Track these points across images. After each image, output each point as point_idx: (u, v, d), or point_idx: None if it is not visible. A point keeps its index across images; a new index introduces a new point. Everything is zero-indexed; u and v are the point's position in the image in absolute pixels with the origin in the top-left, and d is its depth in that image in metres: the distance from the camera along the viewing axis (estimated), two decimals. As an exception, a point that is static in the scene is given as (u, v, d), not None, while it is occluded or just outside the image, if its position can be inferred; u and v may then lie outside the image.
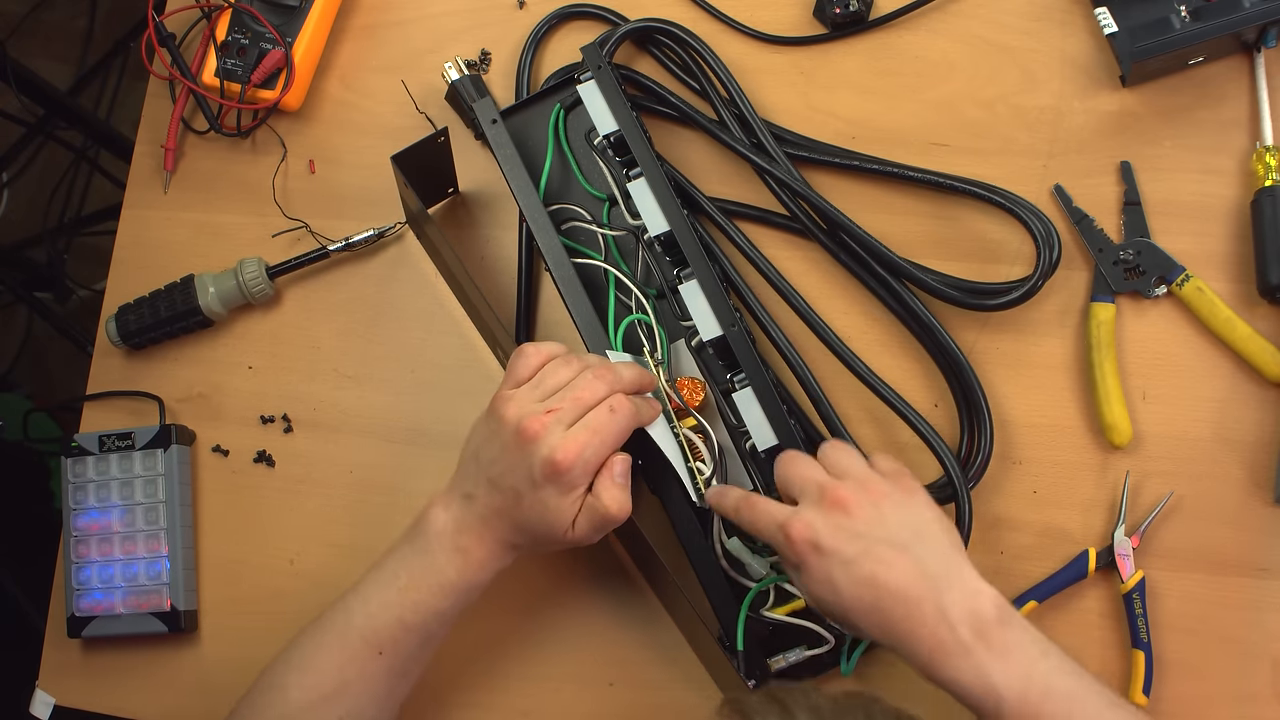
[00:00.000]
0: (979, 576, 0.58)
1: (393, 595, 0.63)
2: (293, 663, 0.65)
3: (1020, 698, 0.54)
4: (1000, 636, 0.55)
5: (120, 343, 0.80)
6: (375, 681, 0.64)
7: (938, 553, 0.58)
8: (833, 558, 0.57)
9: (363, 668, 0.63)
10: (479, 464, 0.63)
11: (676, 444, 0.67)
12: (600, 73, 0.74)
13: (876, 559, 0.57)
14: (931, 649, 0.55)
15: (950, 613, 0.55)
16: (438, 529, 0.63)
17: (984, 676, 0.54)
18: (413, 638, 0.64)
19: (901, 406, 0.70)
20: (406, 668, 0.65)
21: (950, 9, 0.79)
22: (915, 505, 0.60)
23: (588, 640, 0.73)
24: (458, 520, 0.63)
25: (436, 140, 0.73)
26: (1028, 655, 0.55)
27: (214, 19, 0.82)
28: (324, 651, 0.64)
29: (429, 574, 0.63)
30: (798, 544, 0.58)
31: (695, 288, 0.71)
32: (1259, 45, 0.73)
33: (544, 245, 0.71)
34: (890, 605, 0.56)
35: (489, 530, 0.63)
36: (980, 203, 0.73)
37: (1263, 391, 0.71)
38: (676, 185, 0.75)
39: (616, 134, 0.73)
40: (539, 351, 0.65)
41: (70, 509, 0.78)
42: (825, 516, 0.59)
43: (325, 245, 0.80)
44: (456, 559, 0.63)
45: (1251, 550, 0.69)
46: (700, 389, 0.70)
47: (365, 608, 0.64)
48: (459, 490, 0.64)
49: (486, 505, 0.63)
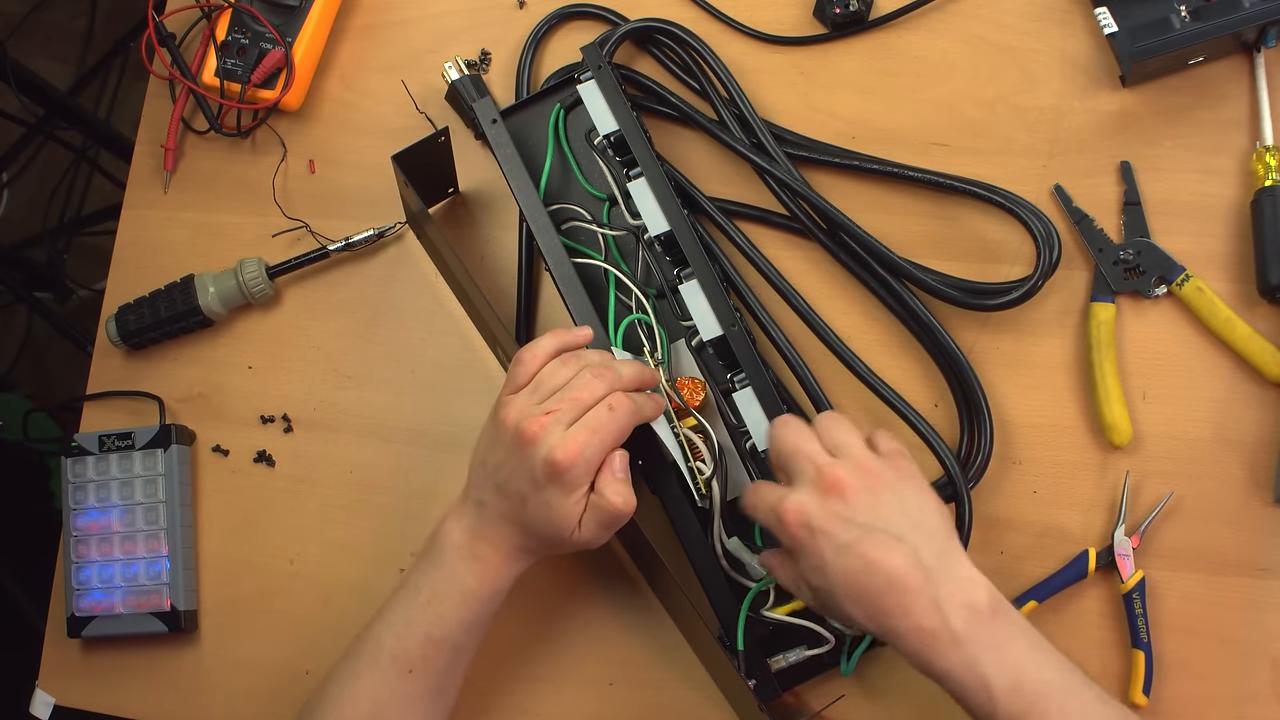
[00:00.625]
0: (972, 566, 0.58)
1: (416, 612, 0.63)
2: (329, 695, 0.65)
3: (1012, 689, 0.54)
4: (993, 628, 0.55)
5: (120, 343, 0.80)
6: (409, 702, 0.63)
7: (933, 541, 0.57)
8: (826, 542, 0.57)
9: (395, 688, 0.63)
10: (486, 470, 0.63)
11: (677, 444, 0.67)
12: (600, 73, 0.74)
13: (871, 546, 0.56)
14: (923, 638, 0.55)
15: (944, 603, 0.55)
16: (454, 540, 0.63)
17: (976, 667, 0.54)
18: (442, 653, 0.63)
19: (901, 406, 0.70)
20: (441, 684, 0.64)
21: (950, 9, 0.79)
22: (911, 491, 0.60)
23: (588, 640, 0.73)
24: (471, 529, 0.63)
25: (437, 140, 0.73)
26: (1019, 647, 0.55)
27: (214, 19, 0.82)
28: (356, 680, 0.64)
29: (450, 585, 0.63)
30: (791, 526, 0.58)
31: (695, 287, 0.71)
32: (1259, 45, 0.73)
33: (544, 245, 0.71)
34: (883, 594, 0.56)
35: (502, 536, 0.63)
36: (980, 203, 0.73)
37: (1263, 391, 0.71)
38: (676, 185, 0.75)
39: (616, 134, 0.73)
40: (535, 356, 0.64)
41: (70, 509, 0.78)
42: (820, 500, 0.58)
43: (325, 245, 0.80)
44: (476, 567, 0.63)
45: (1251, 550, 0.69)
46: (700, 389, 0.70)
47: (391, 629, 0.64)
48: (471, 498, 0.64)
49: (496, 511, 0.63)
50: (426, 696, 0.64)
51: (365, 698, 0.63)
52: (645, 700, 0.72)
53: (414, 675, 0.63)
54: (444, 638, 0.63)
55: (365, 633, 0.66)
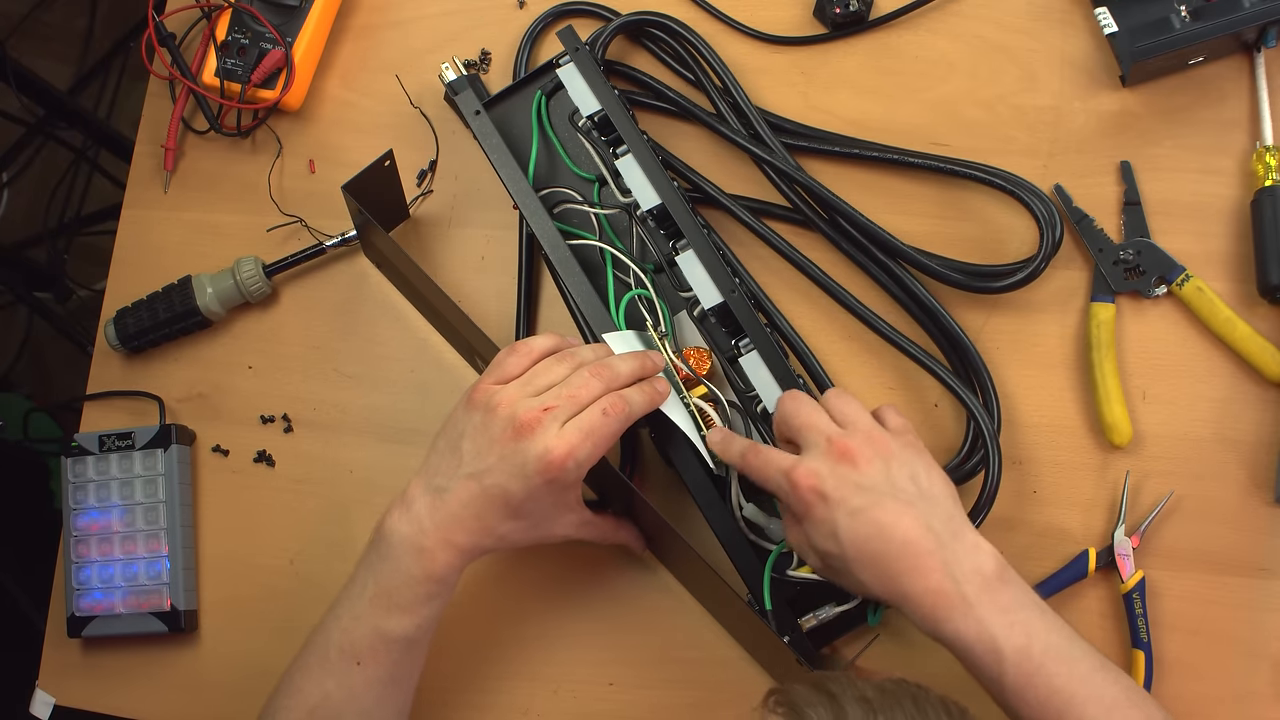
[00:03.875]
0: (979, 534, 0.58)
1: (364, 606, 0.62)
2: (281, 689, 0.65)
3: (1021, 653, 0.55)
4: (1002, 593, 0.56)
5: (119, 346, 0.80)
6: (358, 691, 0.63)
7: (942, 510, 0.58)
8: (838, 507, 0.58)
9: (342, 679, 0.62)
10: (459, 456, 0.62)
11: (688, 413, 0.67)
12: (578, 54, 0.74)
13: (884, 510, 0.57)
14: (935, 602, 0.56)
15: (954, 568, 0.56)
16: (401, 532, 0.62)
17: (986, 631, 0.55)
18: (392, 645, 0.62)
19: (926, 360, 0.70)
20: (391, 675, 0.63)
21: (950, 9, 0.79)
22: (921, 463, 0.60)
23: (588, 640, 0.73)
24: (420, 519, 0.61)
25: (383, 165, 0.72)
26: (1027, 612, 0.56)
27: (214, 19, 0.82)
28: (306, 673, 0.64)
29: (395, 578, 0.62)
30: (803, 490, 0.59)
31: (692, 257, 0.71)
32: (1259, 45, 0.73)
33: (538, 229, 0.71)
34: (895, 558, 0.56)
35: (459, 525, 0.61)
36: (982, 190, 0.73)
37: (1263, 391, 0.71)
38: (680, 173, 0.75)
39: (600, 113, 0.73)
40: (532, 350, 0.64)
41: (70, 509, 0.78)
42: (831, 466, 0.59)
43: (321, 242, 0.80)
44: (422, 559, 0.61)
45: (1251, 550, 0.69)
46: (707, 357, 0.70)
47: (339, 623, 0.63)
48: (427, 484, 0.62)
49: (460, 500, 0.61)
50: (375, 687, 0.63)
51: (313, 689, 0.63)
52: (645, 700, 0.72)
53: (362, 667, 0.62)
54: (392, 629, 0.62)
55: (316, 629, 0.65)
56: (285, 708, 0.64)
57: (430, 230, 0.81)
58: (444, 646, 0.67)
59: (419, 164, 0.81)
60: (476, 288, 0.79)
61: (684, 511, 0.72)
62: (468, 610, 0.73)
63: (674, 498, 0.73)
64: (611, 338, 0.68)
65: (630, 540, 0.70)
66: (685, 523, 0.72)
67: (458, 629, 0.72)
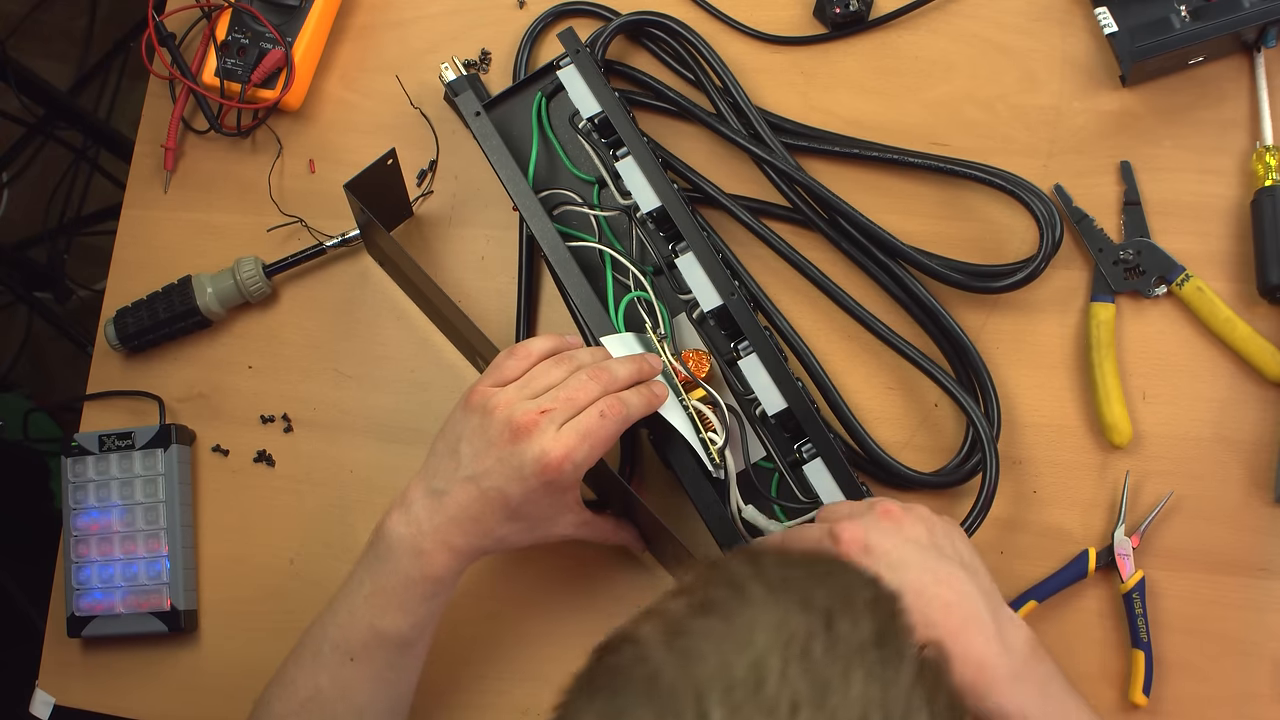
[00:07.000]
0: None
1: (359, 604, 0.62)
2: (275, 682, 0.65)
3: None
4: (1039, 667, 0.56)
5: (119, 346, 0.80)
6: (350, 687, 0.63)
7: (985, 579, 0.58)
8: (881, 560, 0.57)
9: (335, 674, 0.62)
10: (457, 459, 0.62)
11: (686, 416, 0.67)
12: (579, 56, 0.74)
13: (931, 570, 0.56)
14: (982, 671, 0.54)
15: (1005, 639, 0.55)
16: (399, 533, 0.62)
17: (1023, 705, 0.54)
18: (386, 643, 0.62)
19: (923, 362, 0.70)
20: (385, 674, 0.63)
21: (950, 9, 0.79)
22: (958, 535, 0.60)
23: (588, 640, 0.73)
24: (419, 521, 0.61)
25: (386, 163, 0.72)
26: (1058, 685, 0.56)
27: (214, 19, 0.82)
28: (299, 667, 0.64)
29: (392, 578, 0.62)
30: (846, 544, 0.57)
31: (692, 260, 0.71)
32: (1259, 45, 0.73)
33: (537, 230, 0.71)
34: (944, 616, 0.55)
35: (457, 528, 0.61)
36: (983, 192, 0.73)
37: (1263, 391, 0.71)
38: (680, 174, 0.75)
39: (600, 115, 0.73)
40: (530, 353, 0.64)
41: (70, 509, 0.78)
42: (875, 522, 0.59)
43: (321, 242, 0.80)
44: (420, 561, 0.61)
45: (1251, 550, 0.69)
46: (705, 360, 0.70)
47: (335, 619, 0.63)
48: (426, 486, 0.62)
49: (458, 503, 0.61)
50: (368, 684, 0.63)
51: (306, 683, 0.63)
52: (645, 700, 0.72)
53: (355, 663, 0.62)
54: (387, 628, 0.62)
55: (312, 624, 0.65)
56: (278, 698, 0.64)
57: (430, 230, 0.81)
58: (444, 646, 0.67)
59: (419, 164, 0.81)
60: (477, 287, 0.79)
61: (684, 512, 0.72)
62: (468, 610, 0.73)
63: (674, 498, 0.73)
64: (610, 340, 0.68)
65: (630, 540, 0.70)
66: (685, 523, 0.72)
67: (458, 629, 0.72)
